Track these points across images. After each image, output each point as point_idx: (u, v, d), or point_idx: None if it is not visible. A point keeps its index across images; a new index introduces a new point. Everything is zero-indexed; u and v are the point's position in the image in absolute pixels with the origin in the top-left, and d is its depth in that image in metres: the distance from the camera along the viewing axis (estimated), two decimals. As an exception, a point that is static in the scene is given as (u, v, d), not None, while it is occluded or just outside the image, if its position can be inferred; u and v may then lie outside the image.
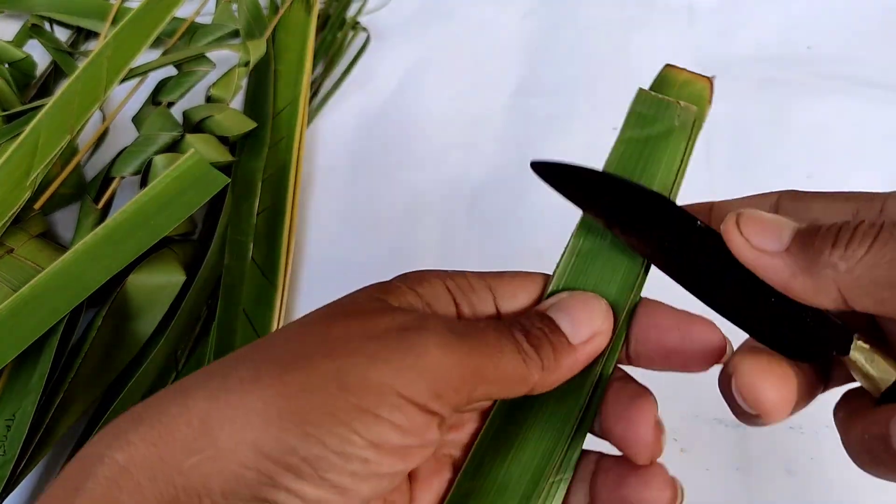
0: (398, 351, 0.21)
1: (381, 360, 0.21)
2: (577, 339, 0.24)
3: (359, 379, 0.20)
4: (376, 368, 0.21)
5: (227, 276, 0.45)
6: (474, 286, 0.25)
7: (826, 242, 0.22)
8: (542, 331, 0.24)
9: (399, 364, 0.21)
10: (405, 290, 0.24)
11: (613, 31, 0.60)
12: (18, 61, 0.59)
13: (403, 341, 0.21)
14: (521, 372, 0.23)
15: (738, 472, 0.38)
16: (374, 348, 0.21)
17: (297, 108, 0.54)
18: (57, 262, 0.41)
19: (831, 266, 0.22)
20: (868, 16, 0.58)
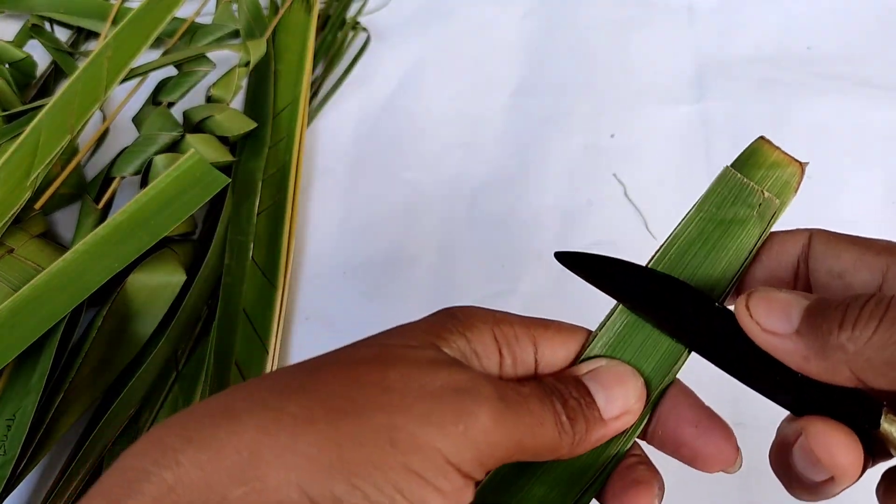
0: (452, 415, 0.21)
1: (433, 422, 0.21)
2: (609, 414, 0.24)
3: (410, 438, 0.20)
4: (428, 431, 0.21)
5: (228, 276, 0.46)
6: (519, 336, 0.25)
7: (834, 323, 0.21)
8: (579, 402, 0.24)
9: (452, 430, 0.21)
10: (457, 336, 0.24)
11: (613, 31, 0.60)
12: (19, 61, 0.59)
13: (457, 405, 0.21)
14: (556, 444, 0.23)
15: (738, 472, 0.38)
16: (427, 407, 0.21)
17: (297, 109, 0.54)
18: (57, 262, 0.41)
19: (840, 349, 0.21)
20: (868, 16, 0.58)
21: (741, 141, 0.51)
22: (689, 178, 0.50)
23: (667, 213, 0.48)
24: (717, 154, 0.51)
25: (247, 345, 0.43)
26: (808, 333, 0.22)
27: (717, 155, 0.51)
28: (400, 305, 0.46)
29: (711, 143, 0.51)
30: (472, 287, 0.47)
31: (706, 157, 0.51)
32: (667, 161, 0.51)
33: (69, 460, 0.40)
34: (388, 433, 0.20)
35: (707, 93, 0.55)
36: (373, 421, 0.20)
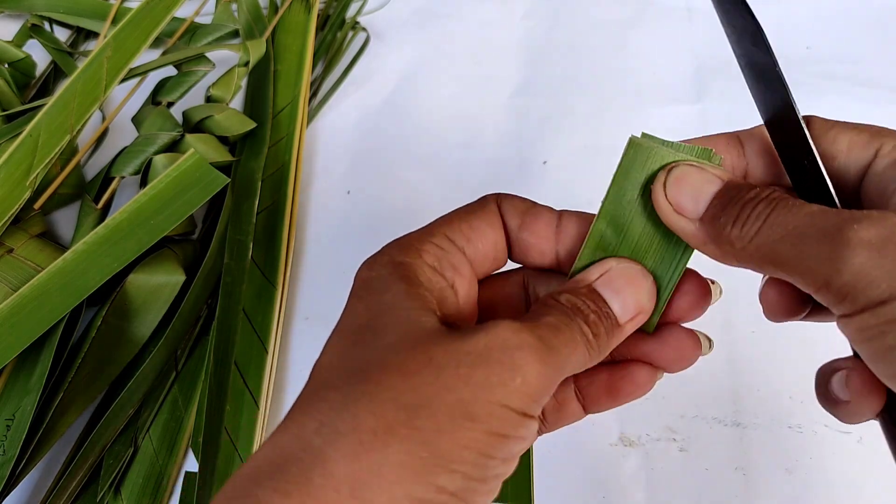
0: (508, 372, 0.22)
1: (495, 384, 0.21)
2: (624, 318, 0.25)
3: (482, 406, 0.21)
4: (494, 393, 0.21)
5: (227, 276, 0.46)
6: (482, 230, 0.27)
7: (729, 218, 0.23)
8: (598, 315, 0.24)
9: (513, 385, 0.22)
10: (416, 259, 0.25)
11: (613, 31, 0.60)
12: (18, 61, 0.59)
13: (509, 361, 0.22)
14: (586, 360, 0.24)
15: (738, 471, 0.38)
16: (484, 373, 0.22)
17: (296, 108, 0.54)
18: (57, 261, 0.41)
19: (729, 242, 0.23)
20: (867, 16, 0.58)
21: (741, 141, 0.51)
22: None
23: (666, 213, 0.48)
24: (717, 154, 0.51)
25: (246, 344, 0.43)
26: (708, 224, 0.24)
27: (717, 155, 0.51)
28: (400, 305, 0.46)
29: (711, 143, 0.51)
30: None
31: (706, 156, 0.51)
32: (666, 161, 0.51)
33: (69, 460, 0.40)
34: (461, 410, 0.21)
35: (706, 93, 0.55)
36: (445, 404, 0.21)
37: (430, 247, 0.26)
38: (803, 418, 0.39)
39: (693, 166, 0.25)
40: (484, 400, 0.21)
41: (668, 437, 0.39)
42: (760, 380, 0.41)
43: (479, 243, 0.26)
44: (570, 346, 0.23)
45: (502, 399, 0.21)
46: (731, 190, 0.24)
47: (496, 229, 0.27)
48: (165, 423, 0.41)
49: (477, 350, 0.22)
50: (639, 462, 0.39)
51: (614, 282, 0.25)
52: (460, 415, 0.21)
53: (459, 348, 0.22)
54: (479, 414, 0.21)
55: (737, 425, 0.40)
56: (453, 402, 0.21)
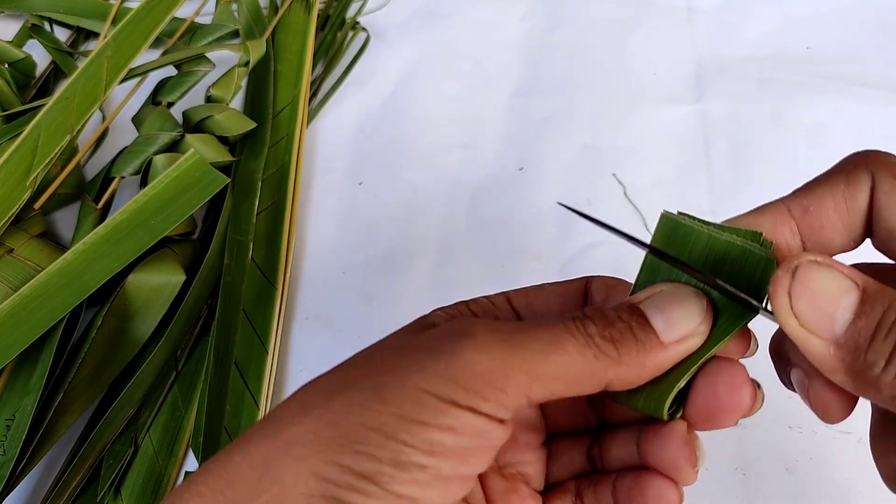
0: (433, 359, 0.21)
1: (416, 369, 0.21)
2: (669, 337, 0.22)
3: (396, 390, 0.21)
4: (411, 377, 0.21)
5: (227, 276, 0.45)
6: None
7: (879, 356, 0.19)
8: (629, 325, 0.22)
9: (434, 370, 0.21)
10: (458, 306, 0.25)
11: (612, 31, 0.60)
12: (18, 61, 0.59)
13: (437, 349, 0.21)
14: (590, 368, 0.21)
15: (738, 471, 0.38)
16: (410, 360, 0.21)
17: (296, 108, 0.54)
18: (57, 261, 0.41)
19: (875, 385, 0.19)
20: (867, 16, 0.58)
21: (740, 141, 0.52)
22: (688, 178, 0.50)
23: (666, 213, 0.48)
24: (717, 154, 0.51)
25: (246, 345, 0.43)
26: (848, 352, 0.19)
27: (717, 155, 0.51)
28: (400, 305, 0.46)
29: (711, 143, 0.51)
30: (472, 287, 0.47)
31: (706, 157, 0.51)
32: (666, 161, 0.51)
33: (69, 460, 0.40)
34: (375, 394, 0.21)
35: (706, 93, 0.55)
36: (360, 389, 0.21)
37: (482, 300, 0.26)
38: (803, 418, 0.39)
39: (823, 267, 0.20)
40: (398, 383, 0.21)
41: (668, 438, 0.39)
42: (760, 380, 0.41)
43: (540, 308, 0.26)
44: (551, 344, 0.21)
45: (419, 383, 0.21)
46: (876, 305, 0.19)
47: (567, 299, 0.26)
48: (165, 423, 0.41)
49: (418, 341, 0.22)
50: (639, 462, 0.39)
51: (660, 299, 0.23)
52: (372, 398, 0.21)
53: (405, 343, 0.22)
54: (391, 398, 0.21)
55: (737, 425, 0.40)
56: (369, 385, 0.21)
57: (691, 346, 0.22)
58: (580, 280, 0.26)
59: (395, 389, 0.21)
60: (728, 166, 0.50)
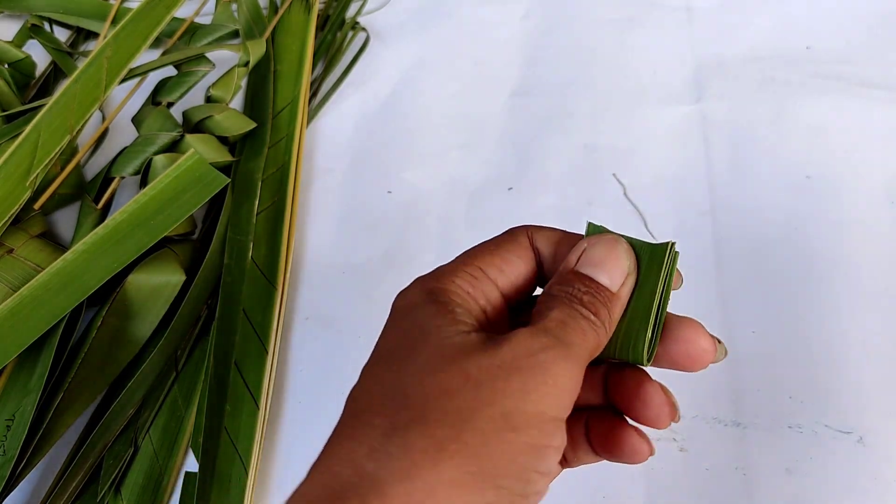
0: (540, 377, 0.22)
1: (531, 390, 0.22)
2: (616, 286, 0.26)
3: (522, 417, 0.21)
4: (532, 400, 0.22)
5: (227, 276, 0.46)
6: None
7: None
8: (592, 294, 0.25)
9: (545, 389, 0.22)
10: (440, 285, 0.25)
11: (612, 31, 0.60)
12: (18, 61, 0.59)
13: (537, 366, 0.22)
14: (599, 340, 0.24)
15: (738, 471, 0.38)
16: (519, 381, 0.22)
17: (296, 108, 0.54)
18: (57, 262, 0.41)
19: None
20: (867, 16, 0.58)
21: (740, 140, 0.52)
22: (688, 178, 0.50)
23: (666, 213, 0.48)
24: (717, 154, 0.51)
25: (246, 345, 0.43)
26: None
27: (717, 155, 0.51)
28: (400, 305, 0.46)
29: (711, 143, 0.51)
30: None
31: (706, 156, 0.51)
32: (666, 161, 0.51)
33: (69, 460, 0.40)
34: (504, 421, 0.21)
35: (706, 93, 0.55)
36: (487, 418, 0.21)
37: (463, 274, 0.26)
38: (803, 418, 0.39)
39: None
40: (523, 410, 0.21)
41: (667, 437, 0.39)
42: (760, 380, 0.41)
43: (512, 275, 0.27)
44: (580, 334, 0.24)
45: (539, 406, 0.22)
46: None
47: (527, 261, 0.27)
48: (165, 423, 0.41)
49: (506, 361, 0.22)
50: (639, 462, 0.39)
51: (593, 258, 0.26)
52: (504, 427, 0.21)
53: (491, 362, 0.22)
54: (520, 424, 0.21)
55: (737, 425, 0.40)
56: (496, 414, 0.21)
57: (630, 283, 0.26)
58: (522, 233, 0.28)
59: (521, 416, 0.21)
60: (728, 166, 0.50)
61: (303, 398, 0.43)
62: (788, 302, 0.43)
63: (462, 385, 0.22)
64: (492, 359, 0.22)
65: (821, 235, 0.46)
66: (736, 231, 0.46)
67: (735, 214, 0.47)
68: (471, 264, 0.26)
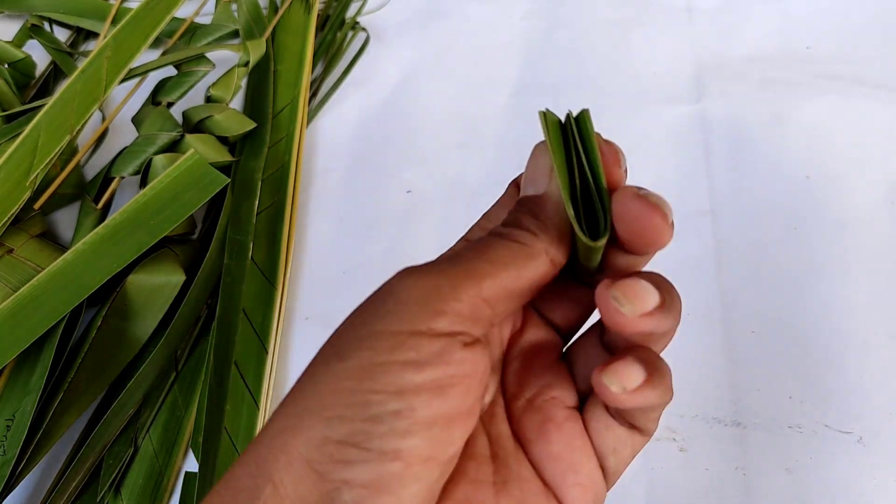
0: (378, 299, 0.21)
1: (367, 315, 0.21)
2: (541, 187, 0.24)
3: (353, 343, 0.20)
4: (365, 325, 0.20)
5: (227, 276, 0.45)
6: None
7: None
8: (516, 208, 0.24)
9: (382, 309, 0.20)
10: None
11: (612, 31, 0.60)
12: (18, 61, 0.59)
13: (381, 290, 0.21)
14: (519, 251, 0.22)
15: (738, 471, 0.38)
16: (360, 313, 0.21)
17: (296, 108, 0.54)
18: (57, 262, 0.41)
19: None
20: (867, 16, 0.58)
21: (740, 140, 0.51)
22: (688, 178, 0.50)
23: (666, 213, 0.48)
24: (717, 154, 0.51)
25: (246, 345, 0.43)
26: None
27: (717, 155, 0.51)
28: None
29: (711, 143, 0.51)
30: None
31: (705, 157, 0.51)
32: (666, 161, 0.51)
33: (69, 460, 0.40)
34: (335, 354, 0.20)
35: (706, 93, 0.55)
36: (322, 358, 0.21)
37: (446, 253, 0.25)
38: (803, 418, 0.39)
39: None
40: (353, 336, 0.20)
41: (667, 437, 0.39)
42: (760, 380, 0.41)
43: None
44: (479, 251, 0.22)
45: (374, 326, 0.20)
46: None
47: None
48: (165, 423, 0.41)
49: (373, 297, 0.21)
50: (639, 462, 0.39)
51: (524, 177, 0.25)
52: (333, 359, 0.20)
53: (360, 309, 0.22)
54: (348, 350, 0.20)
55: (737, 425, 0.40)
56: (329, 351, 0.21)
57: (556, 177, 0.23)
58: (511, 184, 0.27)
59: (351, 343, 0.20)
60: (728, 166, 0.50)
61: (303, 398, 0.43)
62: (788, 302, 0.43)
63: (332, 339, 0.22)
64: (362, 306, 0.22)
65: (821, 235, 0.46)
66: (736, 231, 0.46)
67: (735, 214, 0.47)
68: (460, 241, 0.26)
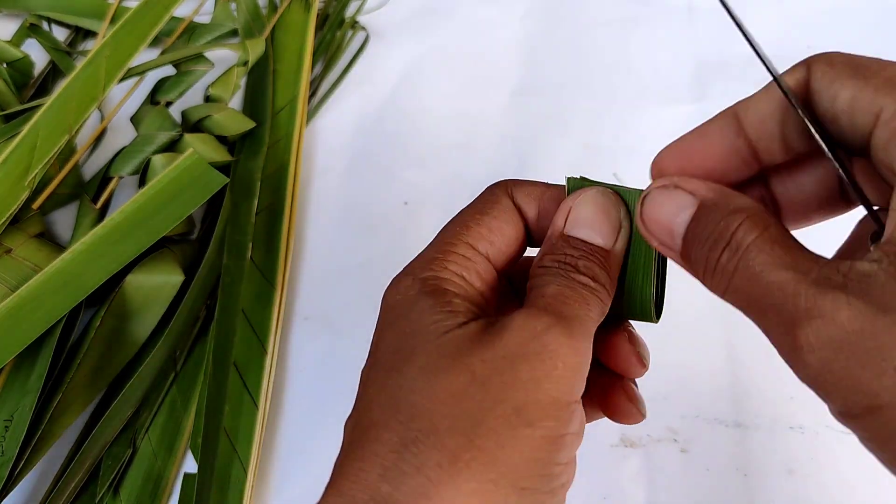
0: (548, 361, 0.21)
1: (541, 378, 0.21)
2: (610, 243, 0.24)
3: (535, 408, 0.20)
4: (543, 388, 0.20)
5: (226, 276, 0.45)
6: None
7: (699, 266, 0.21)
8: (587, 258, 0.23)
9: (555, 373, 0.21)
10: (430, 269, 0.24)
11: (613, 30, 0.60)
12: (16, 61, 0.59)
13: (539, 349, 0.21)
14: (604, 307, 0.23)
15: (739, 472, 0.38)
16: (528, 370, 0.21)
17: (295, 108, 0.54)
18: (55, 262, 0.41)
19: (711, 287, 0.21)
20: (868, 15, 0.58)
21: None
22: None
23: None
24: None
25: (245, 345, 0.43)
26: (688, 262, 0.22)
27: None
28: (399, 305, 0.46)
29: (711, 143, 0.51)
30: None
31: (706, 156, 0.51)
32: (667, 161, 0.51)
33: (67, 461, 0.40)
34: (517, 417, 0.20)
35: (707, 92, 0.54)
36: (499, 416, 0.20)
37: (455, 257, 0.24)
38: (805, 419, 0.39)
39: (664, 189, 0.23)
40: (536, 400, 0.20)
41: (669, 438, 0.39)
42: (761, 380, 0.41)
43: (501, 243, 0.25)
44: (582, 304, 0.22)
45: (553, 393, 0.20)
46: (701, 219, 0.21)
47: (514, 224, 0.26)
48: (164, 423, 0.41)
49: (510, 350, 0.21)
50: (640, 463, 0.39)
51: (580, 218, 0.24)
52: (517, 423, 0.20)
53: (495, 354, 0.21)
54: (534, 418, 0.20)
55: (738, 426, 0.39)
56: (508, 411, 0.20)
57: (625, 236, 0.24)
58: (502, 192, 0.26)
59: (534, 407, 0.20)
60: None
61: (302, 398, 0.43)
62: (789, 302, 0.43)
63: (468, 384, 0.20)
64: (495, 350, 0.21)
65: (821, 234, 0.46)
66: (736, 231, 0.46)
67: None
68: (460, 243, 0.25)
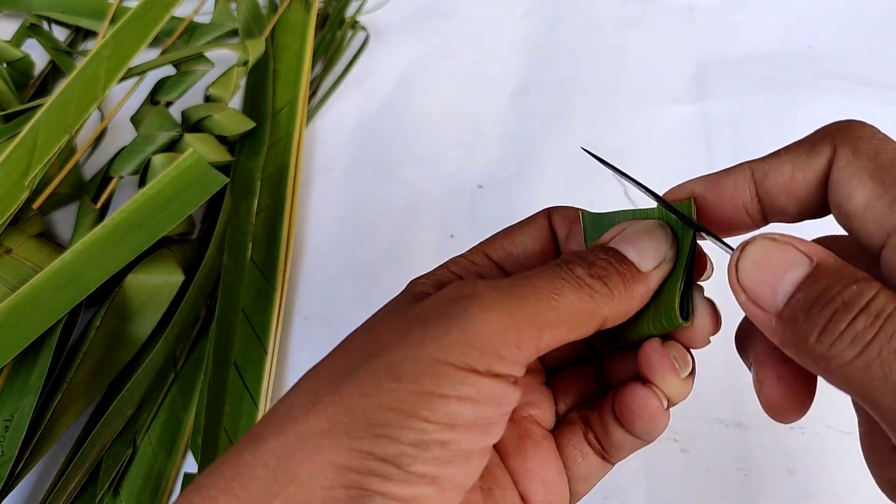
0: (443, 326, 0.20)
1: (427, 339, 0.20)
2: (646, 266, 0.23)
3: (411, 364, 0.20)
4: (425, 349, 0.20)
5: (226, 276, 0.45)
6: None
7: (813, 327, 0.18)
8: (609, 262, 0.23)
9: (446, 338, 0.20)
10: (439, 272, 0.25)
11: (613, 30, 0.60)
12: (16, 61, 0.59)
13: (445, 315, 0.20)
14: (588, 307, 0.22)
15: (739, 472, 0.38)
16: (419, 332, 0.20)
17: (295, 108, 0.54)
18: (55, 262, 0.41)
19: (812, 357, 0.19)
20: (868, 15, 0.58)
21: (742, 140, 0.51)
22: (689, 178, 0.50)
23: (667, 213, 0.48)
24: (718, 153, 0.51)
25: (245, 345, 0.43)
26: (788, 323, 0.19)
27: (718, 154, 0.51)
28: (399, 305, 0.46)
29: (712, 143, 0.51)
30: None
31: (706, 156, 0.51)
32: (667, 161, 0.51)
33: (67, 461, 0.40)
34: (389, 371, 0.20)
35: (707, 92, 0.54)
36: (372, 369, 0.20)
37: (463, 262, 0.25)
38: (805, 419, 0.39)
39: (773, 241, 0.20)
40: (413, 357, 0.20)
41: (668, 438, 0.39)
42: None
43: (520, 255, 0.26)
44: (549, 290, 0.21)
45: (435, 353, 0.20)
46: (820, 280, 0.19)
47: (539, 240, 0.26)
48: (164, 423, 0.41)
49: (421, 311, 0.21)
50: (639, 462, 0.39)
51: (627, 233, 0.24)
52: (386, 376, 0.20)
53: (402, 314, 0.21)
54: (406, 373, 0.20)
55: (738, 426, 0.39)
56: (380, 364, 0.20)
57: (665, 269, 0.24)
58: (542, 214, 0.27)
59: (409, 364, 0.20)
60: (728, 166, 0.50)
61: (302, 398, 0.43)
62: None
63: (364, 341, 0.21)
64: (404, 312, 0.21)
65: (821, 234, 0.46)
66: (737, 231, 0.46)
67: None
68: (478, 250, 0.25)
